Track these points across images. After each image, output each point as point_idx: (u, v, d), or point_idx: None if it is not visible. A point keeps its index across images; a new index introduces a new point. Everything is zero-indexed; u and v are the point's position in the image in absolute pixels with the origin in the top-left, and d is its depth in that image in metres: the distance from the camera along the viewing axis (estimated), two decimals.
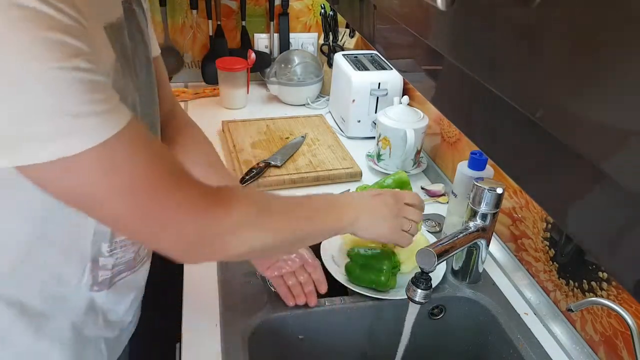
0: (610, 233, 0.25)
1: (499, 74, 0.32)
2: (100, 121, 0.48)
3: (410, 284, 0.76)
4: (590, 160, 0.25)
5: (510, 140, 0.34)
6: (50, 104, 0.46)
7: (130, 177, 0.52)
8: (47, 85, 0.45)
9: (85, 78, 0.47)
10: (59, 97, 0.46)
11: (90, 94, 0.47)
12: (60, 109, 0.46)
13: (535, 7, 0.27)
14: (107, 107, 0.49)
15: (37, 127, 0.46)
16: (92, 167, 0.49)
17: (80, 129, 0.47)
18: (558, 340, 0.87)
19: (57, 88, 0.45)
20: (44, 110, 0.46)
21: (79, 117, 0.47)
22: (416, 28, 0.46)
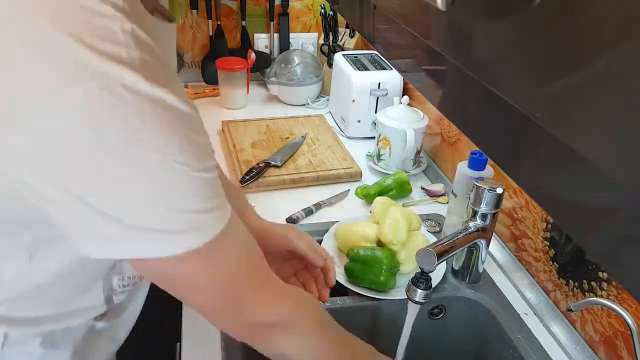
0: (611, 233, 0.25)
1: (499, 73, 0.32)
2: (214, 216, 0.51)
3: (410, 284, 0.76)
4: (591, 160, 0.25)
5: (511, 140, 0.34)
6: (185, 204, 0.47)
7: (230, 270, 0.55)
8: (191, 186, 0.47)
9: (211, 177, 0.50)
10: (194, 198, 0.48)
11: (211, 191, 0.50)
12: (192, 206, 0.48)
13: (535, 6, 0.28)
14: (219, 201, 0.52)
15: (171, 224, 0.48)
16: (201, 260, 0.51)
17: (205, 223, 0.50)
18: (558, 340, 0.87)
19: (198, 189, 0.48)
20: (177, 210, 0.47)
21: (205, 213, 0.49)
22: (416, 28, 0.46)
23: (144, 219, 0.46)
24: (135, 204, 0.46)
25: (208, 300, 0.58)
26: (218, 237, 0.51)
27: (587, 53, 0.24)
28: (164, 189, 0.46)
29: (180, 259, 0.50)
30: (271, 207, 1.17)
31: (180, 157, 0.46)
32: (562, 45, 0.26)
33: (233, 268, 0.56)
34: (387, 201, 1.08)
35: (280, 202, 1.20)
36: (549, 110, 0.27)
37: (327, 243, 1.03)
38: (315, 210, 1.17)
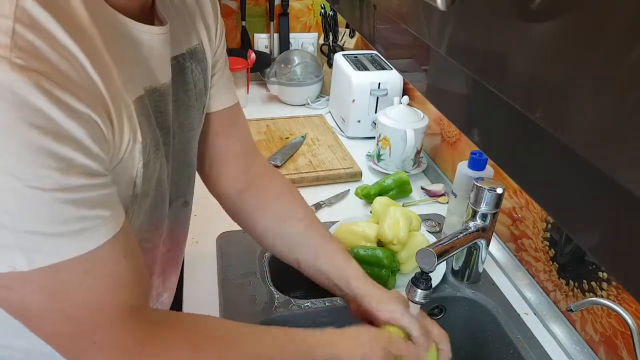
0: (612, 233, 0.25)
1: (498, 73, 0.32)
2: (64, 242, 0.44)
3: (410, 284, 0.75)
4: (591, 160, 0.24)
5: (510, 140, 0.34)
6: (16, 220, 0.42)
7: (70, 306, 0.47)
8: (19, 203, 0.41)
9: (68, 198, 0.43)
10: (28, 216, 0.42)
11: (69, 212, 0.43)
12: (26, 227, 0.42)
13: (535, 6, 0.27)
14: (81, 227, 0.45)
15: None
16: (38, 286, 0.45)
17: (39, 248, 0.44)
18: (558, 340, 0.87)
19: (29, 207, 0.42)
20: (11, 226, 0.42)
21: (43, 237, 0.43)
22: (416, 28, 0.46)
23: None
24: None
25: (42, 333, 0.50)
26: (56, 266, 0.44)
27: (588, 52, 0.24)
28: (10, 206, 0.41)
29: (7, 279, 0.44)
30: None
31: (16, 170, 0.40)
32: (563, 44, 0.26)
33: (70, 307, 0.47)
34: (386, 201, 1.08)
35: None
36: (550, 109, 0.27)
37: None
38: (315, 210, 1.17)
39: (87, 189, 0.45)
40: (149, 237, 0.65)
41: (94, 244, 0.46)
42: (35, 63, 0.40)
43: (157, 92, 0.57)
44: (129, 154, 0.51)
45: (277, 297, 0.90)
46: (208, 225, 1.08)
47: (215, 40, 0.72)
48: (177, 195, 0.71)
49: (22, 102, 0.39)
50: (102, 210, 0.47)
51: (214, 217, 1.09)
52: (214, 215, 1.10)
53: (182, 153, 0.68)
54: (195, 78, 0.67)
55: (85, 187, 0.44)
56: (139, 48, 0.53)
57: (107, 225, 0.47)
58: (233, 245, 1.02)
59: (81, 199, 0.44)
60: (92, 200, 0.45)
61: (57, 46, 0.42)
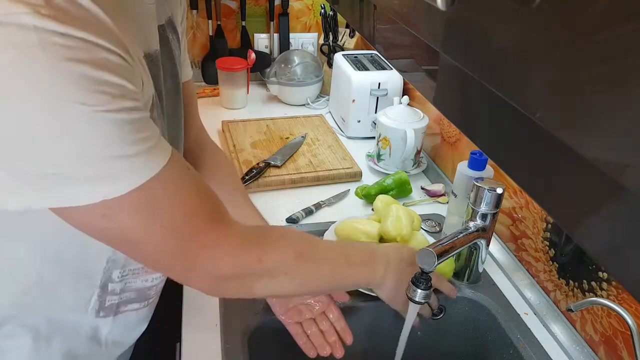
0: (611, 233, 0.25)
1: (499, 73, 0.32)
2: (143, 161, 0.48)
3: (410, 284, 0.76)
4: (591, 160, 0.25)
5: (510, 140, 0.34)
6: (96, 148, 0.45)
7: (170, 218, 0.51)
8: (94, 129, 0.44)
9: (130, 118, 0.46)
10: (106, 141, 0.45)
11: (135, 133, 0.47)
12: (107, 152, 0.45)
13: (535, 6, 0.27)
14: (149, 145, 0.49)
15: (82, 170, 0.45)
16: (133, 209, 0.49)
17: (124, 171, 0.47)
18: (558, 340, 0.87)
19: (103, 132, 0.45)
20: (89, 155, 0.45)
21: (124, 159, 0.46)
22: (416, 28, 0.46)
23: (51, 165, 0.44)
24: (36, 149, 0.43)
25: (150, 255, 0.54)
26: (145, 185, 0.48)
27: (588, 52, 0.24)
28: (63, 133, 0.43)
29: (103, 209, 0.47)
30: (271, 207, 1.17)
31: (80, 97, 0.42)
32: (563, 43, 0.26)
33: (169, 219, 0.51)
34: (388, 199, 1.08)
35: (280, 202, 1.20)
36: (550, 110, 0.27)
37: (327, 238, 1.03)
38: (315, 210, 1.17)
39: (140, 111, 0.48)
40: None
41: (165, 159, 0.50)
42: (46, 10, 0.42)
43: (151, 58, 0.59)
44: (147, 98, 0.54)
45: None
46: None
47: (180, 10, 0.76)
48: None
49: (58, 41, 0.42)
50: (154, 131, 0.50)
51: None
52: None
53: (173, 118, 0.71)
54: (174, 47, 0.70)
55: (138, 109, 0.48)
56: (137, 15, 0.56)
57: (163, 142, 0.51)
58: None
59: (139, 119, 0.48)
60: (147, 121, 0.49)
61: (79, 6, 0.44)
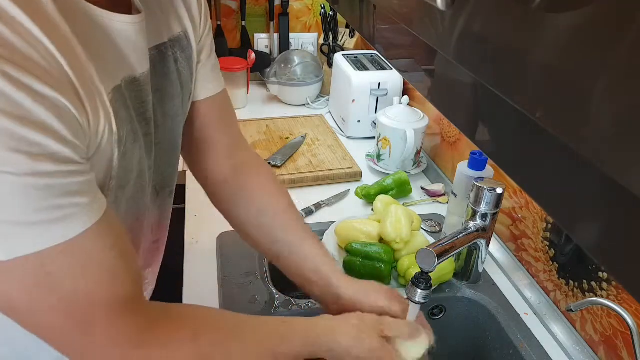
0: (612, 233, 0.25)
1: (499, 73, 0.32)
2: (44, 230, 0.43)
3: (410, 284, 0.75)
4: (591, 159, 0.24)
5: (510, 140, 0.34)
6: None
7: (58, 297, 0.46)
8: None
9: (43, 184, 0.42)
10: (6, 204, 0.41)
11: (44, 200, 0.43)
12: (4, 216, 0.42)
13: (535, 6, 0.27)
14: (61, 214, 0.44)
15: None
16: (18, 278, 0.44)
17: (17, 236, 0.43)
18: (558, 340, 0.87)
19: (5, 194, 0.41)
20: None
21: (20, 225, 0.42)
22: (416, 28, 0.46)
23: None
24: None
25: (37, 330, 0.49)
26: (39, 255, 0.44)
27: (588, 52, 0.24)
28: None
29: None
30: None
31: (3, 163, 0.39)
32: (563, 44, 0.26)
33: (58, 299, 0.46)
34: (388, 199, 1.08)
35: None
36: (550, 110, 0.27)
37: (328, 239, 1.03)
38: (315, 210, 1.17)
39: (60, 175, 0.43)
40: (129, 227, 0.64)
41: (73, 232, 0.45)
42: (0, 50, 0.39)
43: (137, 82, 0.56)
44: (106, 143, 0.50)
45: (277, 297, 0.91)
46: (208, 225, 1.08)
47: (199, 27, 0.72)
48: (163, 185, 0.71)
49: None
50: (79, 198, 0.45)
51: (214, 217, 1.09)
52: (214, 215, 1.10)
53: (167, 142, 0.68)
54: (180, 66, 0.67)
55: (58, 173, 0.43)
56: (113, 38, 0.52)
57: (86, 213, 0.46)
58: (233, 245, 1.01)
59: (55, 185, 0.43)
60: (67, 187, 0.44)
61: (21, 32, 0.41)
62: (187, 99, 0.71)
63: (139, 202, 0.64)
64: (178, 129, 0.71)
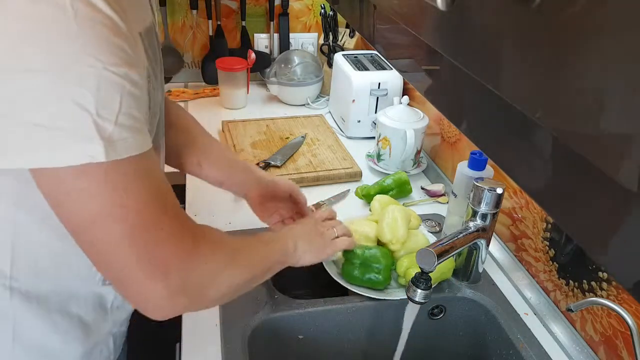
0: (611, 233, 0.25)
1: (499, 74, 0.32)
2: (131, 136, 0.48)
3: (410, 284, 0.76)
4: (591, 159, 0.25)
5: (511, 140, 0.34)
6: (95, 104, 0.45)
7: (132, 201, 0.51)
8: (100, 84, 0.45)
9: (132, 91, 0.48)
10: (105, 101, 0.46)
11: (133, 108, 0.48)
12: (103, 112, 0.46)
13: (535, 6, 0.28)
14: (139, 127, 0.50)
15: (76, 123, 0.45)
16: (112, 179, 0.49)
17: (112, 138, 0.47)
18: (558, 340, 0.87)
19: (106, 90, 0.46)
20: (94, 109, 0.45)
21: (115, 126, 0.47)
22: (416, 28, 0.46)
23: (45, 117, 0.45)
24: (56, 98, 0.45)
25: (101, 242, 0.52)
26: (130, 161, 0.49)
27: (588, 52, 0.24)
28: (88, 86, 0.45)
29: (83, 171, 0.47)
30: None
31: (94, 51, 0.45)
32: (563, 44, 0.26)
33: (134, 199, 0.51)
34: (386, 199, 1.08)
35: None
36: (549, 110, 0.27)
37: None
38: (315, 210, 1.17)
39: (140, 88, 0.49)
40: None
41: (146, 146, 0.51)
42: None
43: (149, 30, 0.61)
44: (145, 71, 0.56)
45: (277, 297, 0.90)
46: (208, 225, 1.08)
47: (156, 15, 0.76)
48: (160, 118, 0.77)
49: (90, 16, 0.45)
50: (143, 119, 0.51)
51: (214, 217, 1.09)
52: (214, 215, 1.10)
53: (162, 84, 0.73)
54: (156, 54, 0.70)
55: (139, 84, 0.49)
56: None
57: (147, 133, 0.53)
58: None
59: (138, 96, 0.49)
60: (141, 104, 0.50)
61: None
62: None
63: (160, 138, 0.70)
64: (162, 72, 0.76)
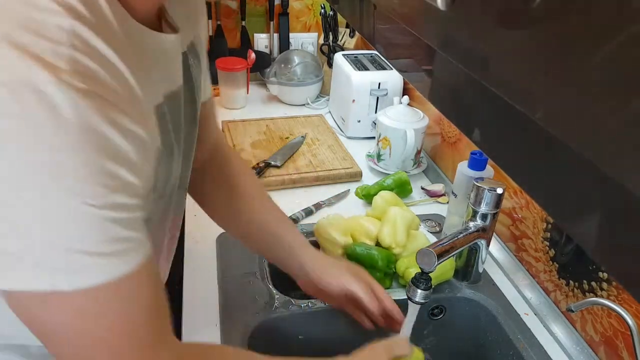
0: (612, 233, 0.25)
1: (499, 74, 0.32)
2: (106, 263, 0.44)
3: (410, 284, 0.76)
4: (591, 159, 0.24)
5: (511, 140, 0.34)
6: (66, 239, 0.42)
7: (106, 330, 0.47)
8: (74, 220, 0.41)
9: (116, 217, 0.43)
10: (79, 235, 0.42)
11: (113, 233, 0.44)
12: (74, 246, 0.42)
13: (535, 6, 0.27)
14: (122, 248, 0.45)
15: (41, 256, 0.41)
16: (75, 308, 0.44)
17: (84, 268, 0.43)
18: (558, 341, 0.87)
19: (82, 225, 0.42)
20: (56, 243, 0.41)
21: (88, 256, 0.43)
22: (416, 28, 0.46)
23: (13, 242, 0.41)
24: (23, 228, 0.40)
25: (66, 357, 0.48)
26: (98, 287, 0.44)
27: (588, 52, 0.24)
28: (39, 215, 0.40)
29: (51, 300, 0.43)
30: None
31: (78, 187, 0.40)
32: (563, 44, 0.26)
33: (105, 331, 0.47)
34: (390, 196, 1.08)
35: (280, 202, 1.19)
36: (550, 110, 0.27)
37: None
38: (315, 211, 1.17)
39: (130, 209, 0.45)
40: (157, 226, 0.66)
41: (133, 266, 0.46)
42: (95, 87, 0.40)
43: (174, 95, 0.57)
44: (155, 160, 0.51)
45: (277, 297, 0.90)
46: (208, 225, 1.07)
47: (203, 31, 0.73)
48: (180, 185, 0.72)
49: (84, 124, 0.39)
50: (138, 233, 0.47)
51: None
52: None
53: (187, 147, 0.69)
54: (195, 73, 0.67)
55: (128, 206, 0.45)
56: (163, 57, 0.54)
57: (143, 247, 0.48)
58: (233, 245, 1.01)
59: (126, 218, 0.44)
60: (133, 221, 0.46)
61: (108, 65, 0.42)
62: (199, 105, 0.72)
63: (167, 207, 0.66)
64: (195, 133, 0.72)
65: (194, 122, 0.69)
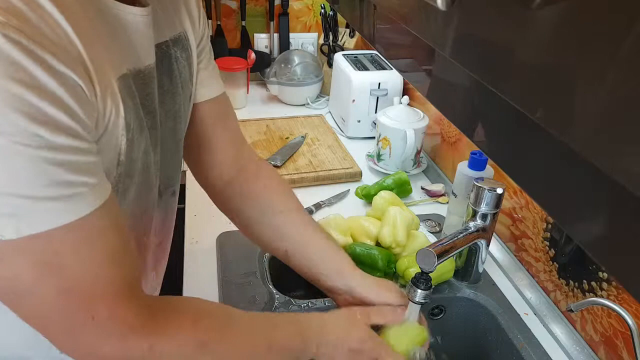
0: (612, 233, 0.25)
1: (499, 74, 0.32)
2: (53, 207, 0.43)
3: (410, 284, 0.76)
4: (591, 160, 0.24)
5: (511, 140, 0.34)
6: (8, 182, 0.41)
7: (66, 278, 0.46)
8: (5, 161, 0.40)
9: (56, 158, 0.42)
10: (13, 178, 0.41)
11: (57, 175, 0.42)
12: (11, 190, 0.41)
13: (535, 6, 0.27)
14: (71, 192, 0.44)
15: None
16: (28, 257, 0.44)
17: (29, 212, 0.42)
18: (558, 341, 0.87)
19: (15, 167, 0.40)
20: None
21: (30, 200, 0.42)
22: (416, 28, 0.46)
23: None
24: None
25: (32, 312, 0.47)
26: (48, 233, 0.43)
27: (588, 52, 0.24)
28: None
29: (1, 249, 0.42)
30: None
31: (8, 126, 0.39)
32: (563, 44, 0.26)
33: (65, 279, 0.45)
34: (390, 196, 1.08)
35: None
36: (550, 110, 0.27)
37: None
38: (315, 210, 1.17)
39: (74, 152, 0.44)
40: (136, 223, 0.64)
41: (82, 212, 0.45)
42: (14, 21, 0.40)
43: (142, 74, 0.57)
44: (113, 126, 0.50)
45: (277, 297, 0.90)
46: (208, 225, 1.08)
47: (199, 30, 0.73)
48: (167, 185, 0.72)
49: (1, 56, 0.39)
50: (89, 177, 0.45)
51: (214, 217, 1.09)
52: (214, 215, 1.10)
53: (170, 141, 0.68)
54: (180, 66, 0.67)
55: (72, 149, 0.43)
56: (122, 28, 0.54)
57: (95, 192, 0.46)
58: (233, 245, 1.01)
59: (68, 161, 0.43)
60: (79, 164, 0.44)
61: (38, 9, 0.42)
62: (188, 101, 0.71)
63: (146, 198, 0.64)
64: (180, 131, 0.71)
65: (177, 117, 0.68)
